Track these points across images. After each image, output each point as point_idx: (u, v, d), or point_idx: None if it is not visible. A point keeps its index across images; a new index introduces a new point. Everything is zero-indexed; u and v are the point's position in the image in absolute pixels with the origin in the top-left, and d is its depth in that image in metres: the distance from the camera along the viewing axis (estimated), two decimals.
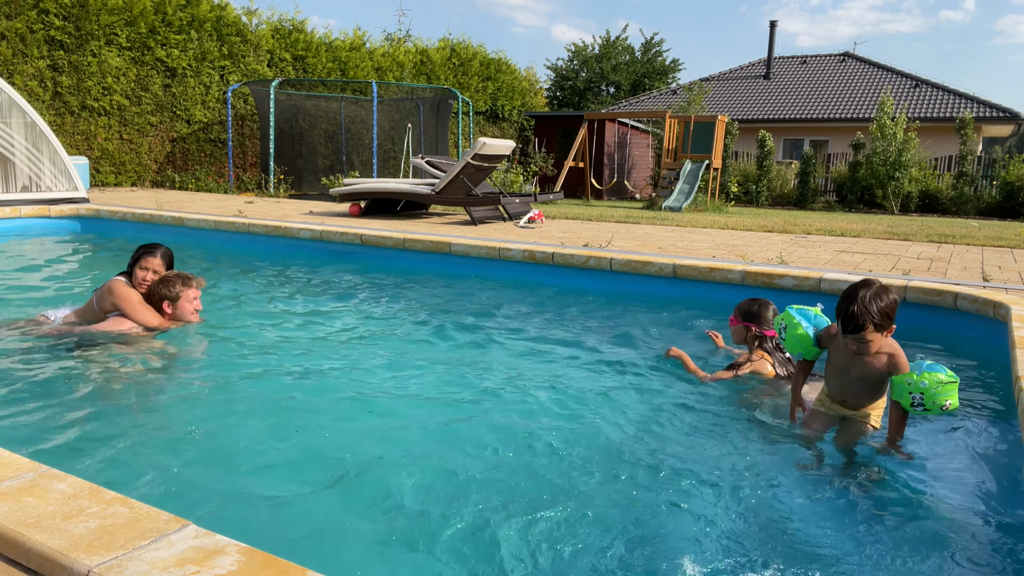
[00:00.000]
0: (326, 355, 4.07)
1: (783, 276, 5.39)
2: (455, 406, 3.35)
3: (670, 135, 17.02)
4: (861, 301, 2.68)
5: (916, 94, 24.64)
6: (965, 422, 3.28)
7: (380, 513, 2.34)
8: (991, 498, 2.58)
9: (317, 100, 17.49)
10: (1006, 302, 4.37)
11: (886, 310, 2.72)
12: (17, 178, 9.34)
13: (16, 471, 1.81)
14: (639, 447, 2.93)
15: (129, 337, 4.00)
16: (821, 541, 2.27)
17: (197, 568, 1.41)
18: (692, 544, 2.21)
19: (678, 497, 2.51)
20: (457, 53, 21.82)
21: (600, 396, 3.50)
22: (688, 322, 5.08)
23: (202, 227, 8.33)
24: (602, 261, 6.12)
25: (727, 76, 29.68)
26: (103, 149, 14.07)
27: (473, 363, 4.01)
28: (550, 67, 36.00)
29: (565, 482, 2.59)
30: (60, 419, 2.97)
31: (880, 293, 2.71)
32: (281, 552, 1.49)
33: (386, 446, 2.86)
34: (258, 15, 16.83)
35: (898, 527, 2.36)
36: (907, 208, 18.25)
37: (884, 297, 2.71)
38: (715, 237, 8.47)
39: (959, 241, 8.63)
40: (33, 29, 12.74)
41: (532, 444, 2.91)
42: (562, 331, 4.75)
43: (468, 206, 9.48)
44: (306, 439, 2.88)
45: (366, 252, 7.33)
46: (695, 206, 15.30)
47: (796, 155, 23.97)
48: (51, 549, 1.46)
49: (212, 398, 3.34)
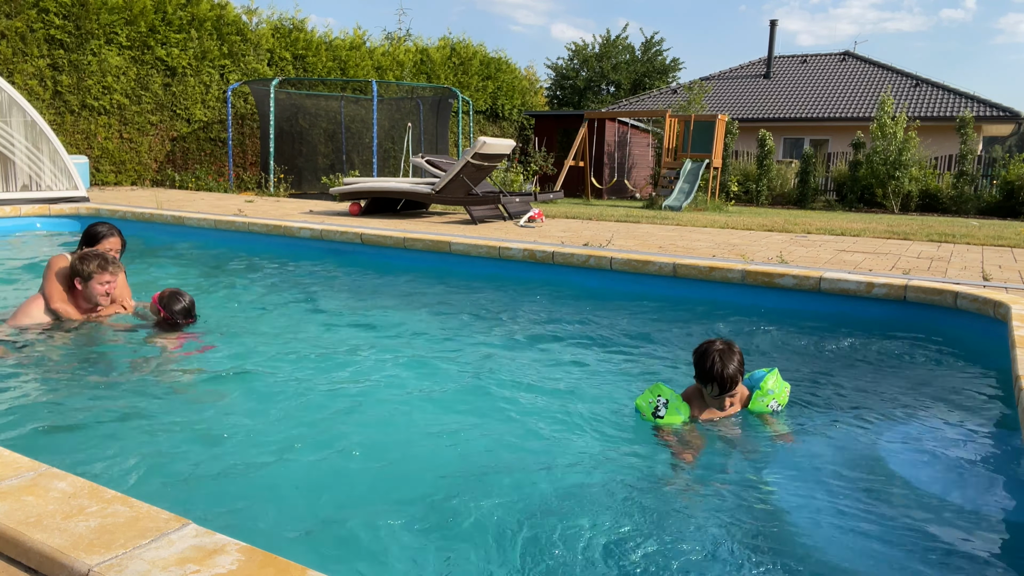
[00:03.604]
0: (325, 354, 4.07)
1: (783, 275, 5.39)
2: (454, 405, 3.35)
3: (670, 134, 17.02)
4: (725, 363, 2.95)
5: (916, 93, 24.63)
6: (965, 422, 3.28)
7: (380, 512, 2.34)
8: (991, 498, 2.58)
9: (317, 99, 17.49)
10: (1006, 301, 4.37)
11: (742, 363, 3.04)
12: (17, 177, 9.34)
13: (16, 470, 1.81)
14: (639, 446, 2.93)
15: (114, 334, 3.99)
16: (819, 541, 2.27)
17: (197, 567, 1.41)
18: (708, 550, 2.21)
19: (680, 496, 2.51)
20: (457, 52, 21.82)
21: (600, 395, 3.50)
22: (688, 322, 5.08)
23: (202, 226, 8.33)
24: (602, 260, 6.12)
25: (727, 75, 29.67)
26: (103, 148, 14.07)
27: (473, 362, 4.01)
28: (550, 66, 36.03)
29: (564, 481, 2.59)
30: (60, 418, 2.97)
31: (732, 349, 3.01)
32: (281, 551, 1.49)
33: (386, 445, 2.86)
34: (258, 14, 16.84)
35: (897, 527, 2.35)
36: (907, 207, 18.25)
37: (736, 352, 3.02)
38: (715, 236, 8.47)
39: (959, 240, 8.62)
40: (33, 28, 12.74)
41: (530, 443, 2.91)
42: (562, 330, 4.75)
43: (468, 205, 9.47)
44: (306, 438, 2.88)
45: (366, 251, 7.33)
46: (695, 205, 15.30)
47: (796, 154, 23.96)
48: (51, 548, 1.46)
49: (212, 397, 3.34)
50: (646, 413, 3.05)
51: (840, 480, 2.69)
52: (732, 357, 2.97)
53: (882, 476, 2.72)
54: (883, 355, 4.27)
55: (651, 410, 3.03)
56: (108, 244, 4.40)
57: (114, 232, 4.48)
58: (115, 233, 4.48)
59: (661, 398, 3.03)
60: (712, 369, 2.94)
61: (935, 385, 3.78)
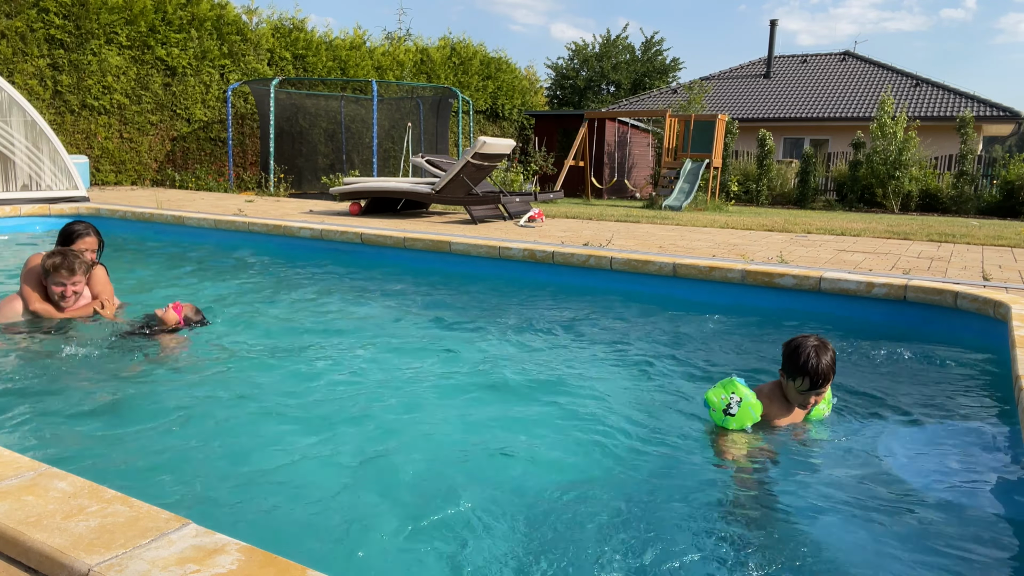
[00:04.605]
0: (325, 354, 4.07)
1: (783, 275, 5.39)
2: (454, 405, 3.35)
3: (670, 134, 17.02)
4: (820, 357, 2.90)
5: (916, 93, 24.63)
6: (965, 421, 3.28)
7: (381, 512, 2.34)
8: (991, 497, 2.58)
9: (317, 99, 17.49)
10: (1006, 301, 4.37)
11: (835, 361, 2.99)
12: (17, 177, 9.34)
13: (16, 470, 1.81)
14: (639, 446, 2.93)
15: (108, 333, 4.00)
16: (817, 541, 2.27)
17: (197, 567, 1.41)
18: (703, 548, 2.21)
19: (680, 498, 2.51)
20: (457, 52, 21.82)
21: (599, 394, 3.50)
22: (688, 320, 5.08)
23: (202, 226, 8.33)
24: (602, 260, 6.12)
25: (727, 75, 29.66)
26: (103, 148, 14.07)
27: (472, 362, 4.01)
28: (550, 66, 36.01)
29: (560, 480, 2.59)
30: (60, 418, 2.97)
31: (827, 346, 2.97)
32: (281, 551, 1.49)
33: (386, 444, 2.86)
34: (258, 14, 16.84)
35: (897, 527, 2.35)
36: (907, 207, 18.25)
37: (830, 350, 2.98)
38: (715, 236, 8.47)
39: (959, 240, 8.62)
40: (33, 28, 12.73)
41: (529, 443, 2.91)
42: (561, 330, 4.75)
43: (468, 205, 9.47)
44: (306, 438, 2.88)
45: (366, 251, 7.33)
46: (695, 205, 15.29)
47: (796, 154, 23.96)
48: (51, 548, 1.46)
49: (212, 397, 3.33)
50: (717, 409, 2.92)
51: (838, 479, 2.69)
52: (827, 353, 2.92)
53: (880, 475, 2.72)
54: (883, 355, 4.27)
55: (723, 407, 2.91)
56: (83, 243, 4.37)
57: (90, 231, 4.43)
58: (91, 232, 4.44)
59: (735, 396, 2.91)
60: (807, 364, 2.88)
61: (935, 385, 3.78)
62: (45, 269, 4.06)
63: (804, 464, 2.85)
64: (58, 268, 4.03)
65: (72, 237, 4.38)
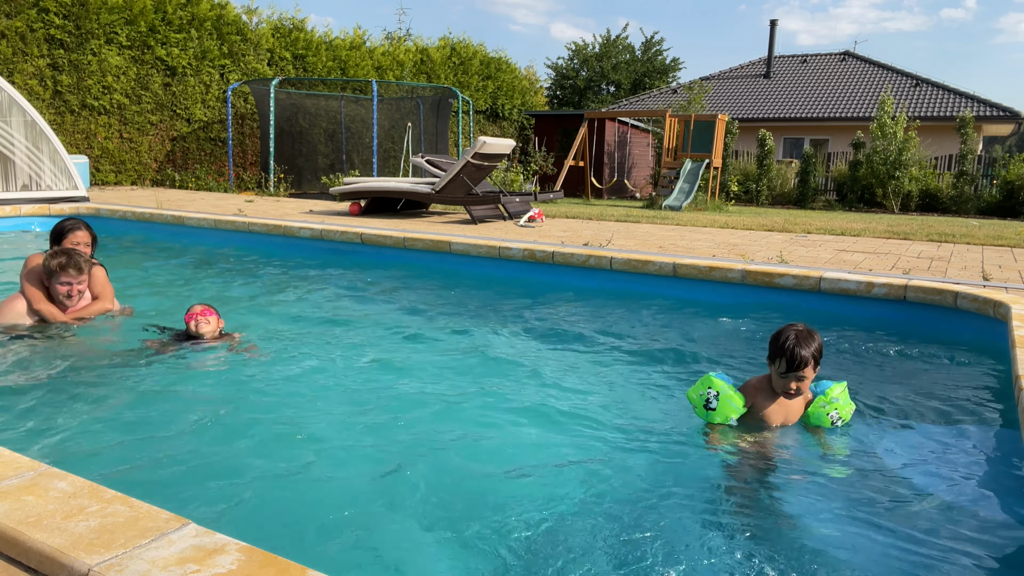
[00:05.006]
0: (324, 354, 4.06)
1: (783, 275, 5.39)
2: (454, 405, 3.35)
3: (670, 134, 17.02)
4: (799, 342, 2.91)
5: (916, 93, 24.63)
6: (965, 421, 3.28)
7: (381, 512, 2.34)
8: (991, 498, 2.58)
9: (317, 99, 17.49)
10: (1006, 301, 4.37)
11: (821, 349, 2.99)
12: (17, 177, 9.34)
13: (16, 470, 1.81)
14: (639, 445, 2.93)
15: (108, 333, 4.00)
16: (817, 542, 2.27)
17: (197, 567, 1.41)
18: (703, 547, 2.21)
19: (681, 497, 2.51)
20: (457, 52, 21.82)
21: (599, 393, 3.50)
22: (688, 321, 5.08)
23: (202, 226, 8.33)
24: (602, 260, 6.12)
25: (727, 75, 29.66)
26: (103, 148, 14.07)
27: (472, 362, 4.01)
28: (550, 66, 36.02)
29: (560, 479, 2.59)
30: (60, 418, 2.97)
31: (812, 336, 2.98)
32: (281, 551, 1.49)
33: (387, 444, 2.86)
34: (258, 14, 16.84)
35: (897, 527, 2.35)
36: (907, 207, 18.25)
37: (816, 340, 2.98)
38: (715, 236, 8.47)
39: (959, 240, 8.62)
40: (33, 28, 12.74)
41: (529, 443, 2.91)
42: (561, 330, 4.75)
43: (468, 205, 9.47)
44: (306, 437, 2.88)
45: (366, 251, 7.33)
46: (695, 205, 15.29)
47: (796, 154, 23.96)
48: (51, 548, 1.46)
49: (211, 397, 3.33)
50: (697, 406, 3.01)
51: (838, 479, 2.69)
52: (810, 341, 2.94)
53: (881, 475, 2.72)
54: (883, 355, 4.27)
55: (702, 403, 2.99)
56: (75, 238, 4.36)
57: (80, 226, 4.43)
58: (81, 227, 4.43)
59: (712, 390, 2.97)
60: (784, 344, 2.91)
61: (935, 385, 3.78)
62: (50, 269, 4.04)
63: (804, 463, 2.85)
64: (65, 267, 4.03)
65: (64, 233, 4.38)
